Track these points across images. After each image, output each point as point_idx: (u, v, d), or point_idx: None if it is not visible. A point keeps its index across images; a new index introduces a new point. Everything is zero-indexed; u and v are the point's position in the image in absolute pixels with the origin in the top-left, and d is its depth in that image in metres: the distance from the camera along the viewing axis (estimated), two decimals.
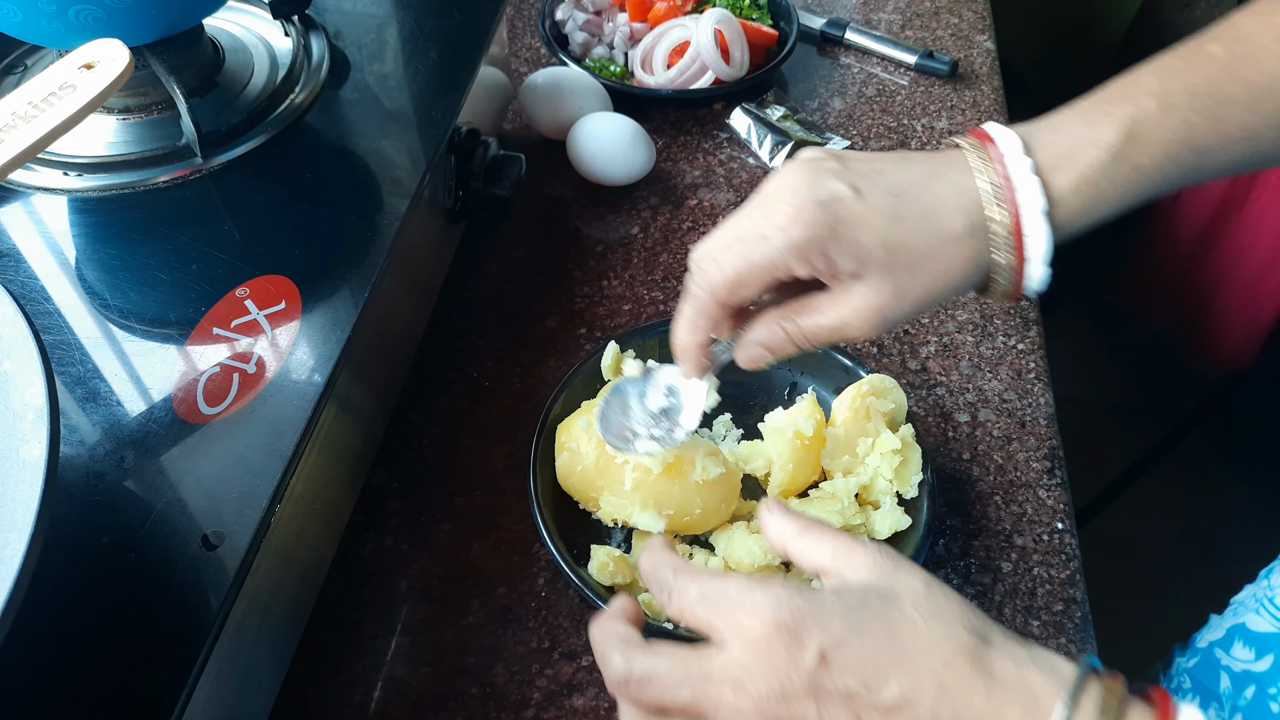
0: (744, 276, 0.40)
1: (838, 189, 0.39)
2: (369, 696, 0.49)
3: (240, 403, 0.43)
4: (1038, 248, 0.39)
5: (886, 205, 0.39)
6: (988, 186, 0.39)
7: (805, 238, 0.39)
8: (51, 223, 0.51)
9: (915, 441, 0.53)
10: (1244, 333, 1.28)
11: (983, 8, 0.96)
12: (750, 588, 0.34)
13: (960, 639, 0.33)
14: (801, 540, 0.38)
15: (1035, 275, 0.40)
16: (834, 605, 0.34)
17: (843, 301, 0.40)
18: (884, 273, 0.39)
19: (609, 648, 0.36)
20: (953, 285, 0.40)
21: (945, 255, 0.40)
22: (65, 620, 0.36)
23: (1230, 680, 0.57)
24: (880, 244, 0.39)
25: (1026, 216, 0.39)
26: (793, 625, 0.33)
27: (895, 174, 0.40)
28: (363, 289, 0.48)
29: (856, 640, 0.33)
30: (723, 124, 0.81)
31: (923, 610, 0.34)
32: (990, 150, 0.40)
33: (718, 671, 0.34)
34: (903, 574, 0.35)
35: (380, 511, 0.56)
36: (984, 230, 0.39)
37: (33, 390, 0.33)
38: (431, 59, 0.62)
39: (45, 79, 0.43)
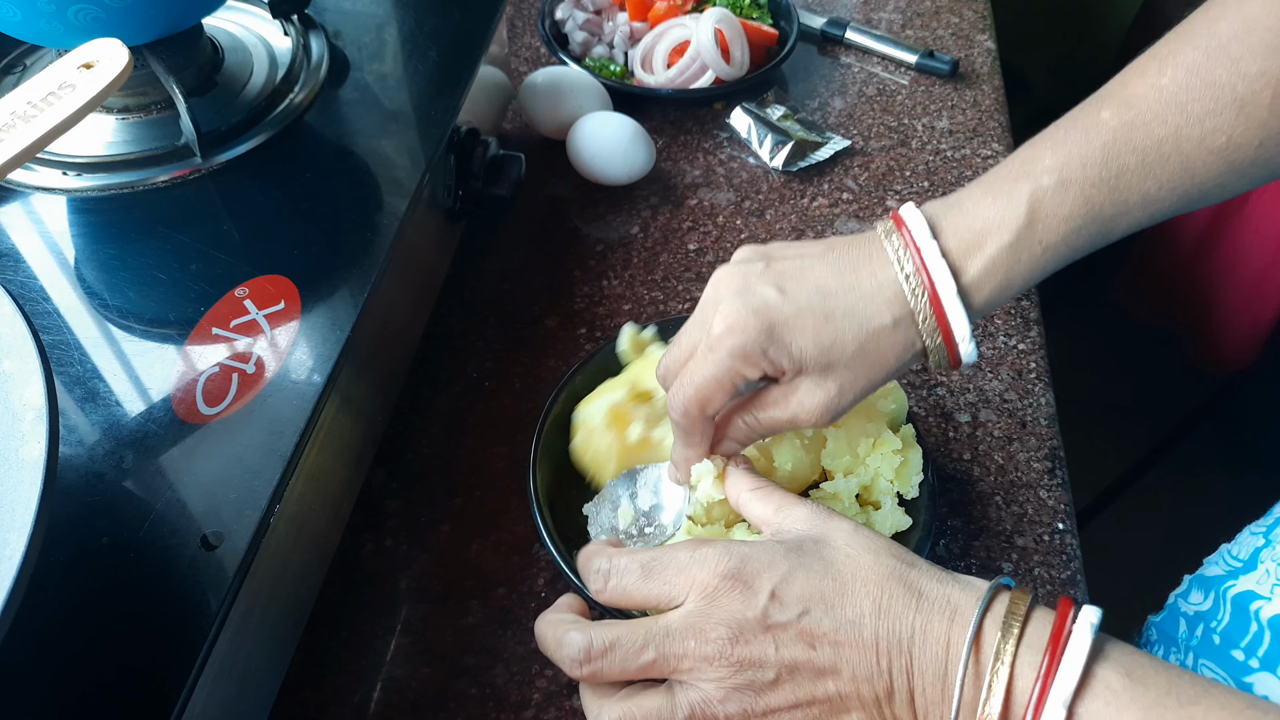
0: (705, 393, 0.43)
1: (766, 293, 0.42)
2: (368, 697, 0.49)
3: (239, 403, 0.43)
4: (961, 328, 0.41)
5: (814, 304, 0.41)
6: (906, 275, 0.41)
7: (743, 344, 0.41)
8: (50, 222, 0.51)
9: (916, 441, 0.53)
10: (1245, 332, 1.28)
11: (983, 7, 0.96)
12: (695, 546, 0.38)
13: (890, 565, 0.37)
14: (752, 494, 0.43)
15: (965, 352, 0.42)
16: (776, 549, 0.38)
17: (792, 399, 0.43)
18: (823, 372, 0.42)
19: (561, 630, 0.38)
20: (890, 372, 0.43)
21: (876, 347, 0.42)
22: (64, 620, 0.36)
23: (1186, 624, 0.59)
24: (813, 345, 0.41)
25: (946, 302, 0.41)
26: (742, 570, 0.37)
27: (819, 269, 0.42)
28: (362, 289, 0.48)
29: (801, 575, 0.37)
30: (723, 123, 0.81)
31: (854, 545, 0.38)
32: (904, 235, 0.42)
33: (677, 626, 0.36)
34: (833, 522, 0.39)
35: (380, 511, 0.56)
36: (909, 318, 0.41)
37: (32, 390, 0.33)
38: (431, 58, 0.62)
39: (44, 78, 0.43)
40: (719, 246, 0.71)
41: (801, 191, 0.76)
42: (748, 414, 0.45)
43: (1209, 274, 1.30)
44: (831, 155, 0.78)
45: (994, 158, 0.79)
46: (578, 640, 0.37)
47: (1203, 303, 1.32)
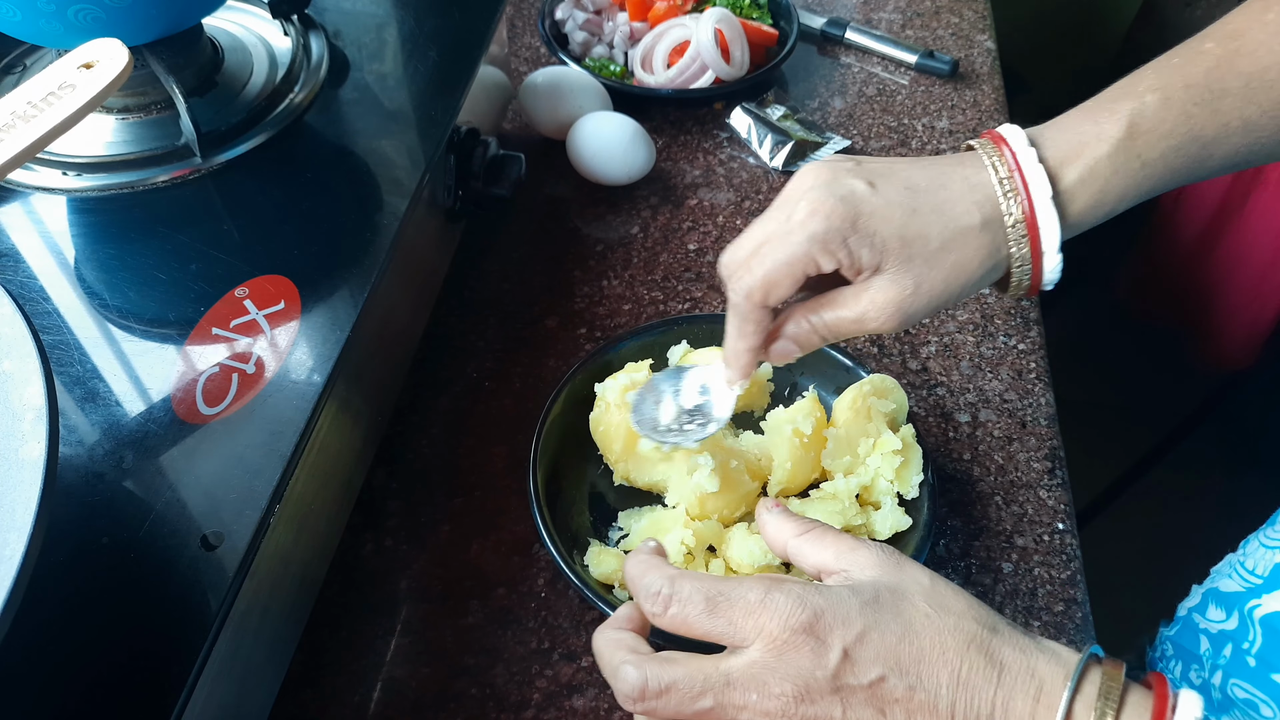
0: (774, 276, 0.42)
1: (854, 185, 0.41)
2: (368, 697, 0.49)
3: (239, 403, 0.43)
4: (1051, 237, 0.41)
5: (902, 199, 0.41)
6: (1000, 179, 0.41)
7: (825, 230, 0.40)
8: (50, 222, 0.51)
9: (916, 442, 0.53)
10: (1245, 332, 1.28)
11: (983, 7, 0.96)
12: (765, 588, 0.35)
13: (971, 630, 0.34)
14: (802, 541, 0.39)
15: (1050, 265, 0.42)
16: (851, 602, 0.34)
17: (863, 295, 0.42)
18: (902, 265, 0.41)
19: (619, 660, 0.36)
20: (970, 278, 0.42)
21: (961, 247, 0.41)
22: (64, 620, 0.36)
23: (1209, 642, 0.58)
24: (897, 235, 0.40)
25: (1039, 206, 0.41)
26: (814, 624, 0.33)
27: (910, 171, 0.42)
28: (362, 289, 0.48)
29: (876, 635, 0.34)
30: (723, 123, 0.81)
31: (933, 604, 0.35)
32: (1002, 147, 0.42)
33: (739, 675, 0.34)
34: (907, 569, 0.36)
35: (380, 511, 0.56)
36: (998, 222, 0.41)
37: (32, 390, 0.33)
38: (431, 58, 0.62)
39: (44, 78, 0.43)
40: (719, 246, 0.71)
41: None
42: (812, 313, 0.44)
43: (1209, 274, 1.30)
44: (831, 155, 0.78)
45: None
46: (633, 677, 0.35)
47: (1203, 303, 1.32)
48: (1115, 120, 0.41)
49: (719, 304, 0.67)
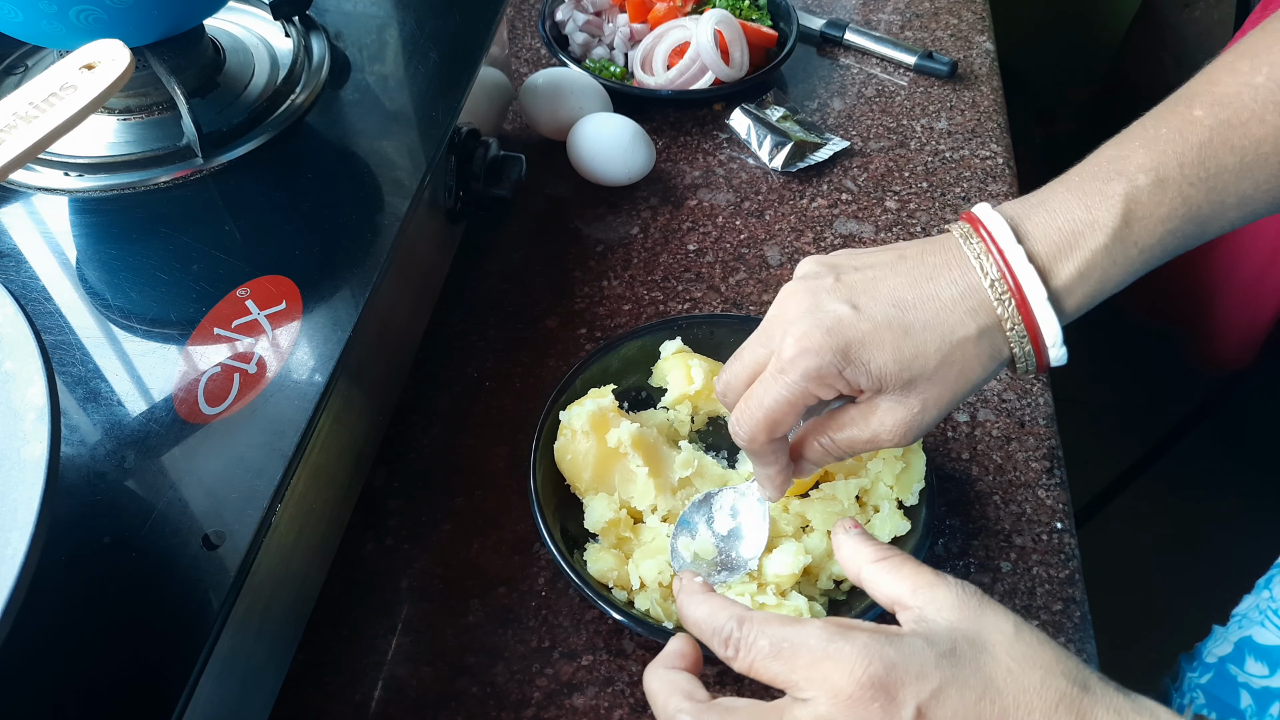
0: (774, 418, 0.41)
1: (838, 310, 0.39)
2: (369, 696, 0.49)
3: (241, 402, 0.43)
4: (1052, 334, 0.39)
5: (891, 319, 0.39)
6: (991, 281, 0.39)
7: (818, 367, 0.39)
8: (52, 223, 0.51)
9: (920, 448, 0.53)
10: (1243, 332, 1.28)
11: (982, 8, 0.96)
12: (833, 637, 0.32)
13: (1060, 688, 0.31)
14: (878, 568, 0.37)
15: (1054, 356, 0.40)
16: (926, 654, 0.32)
17: (871, 418, 0.41)
18: (904, 388, 0.40)
19: (675, 708, 0.34)
20: (974, 382, 0.40)
21: (961, 358, 0.39)
22: (66, 620, 0.36)
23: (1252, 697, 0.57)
24: (893, 361, 0.39)
25: (1036, 309, 0.39)
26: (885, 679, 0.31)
27: (892, 280, 0.40)
28: (363, 289, 0.48)
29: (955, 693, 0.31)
30: (722, 124, 0.81)
31: (1017, 657, 0.32)
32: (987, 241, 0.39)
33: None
34: (989, 615, 0.33)
35: (381, 511, 0.56)
36: (995, 328, 0.39)
37: (34, 390, 0.33)
38: (432, 59, 0.62)
39: (46, 79, 0.43)
40: (718, 247, 0.71)
41: (801, 192, 0.76)
42: (823, 435, 0.43)
43: (1207, 273, 1.30)
44: (830, 156, 0.78)
45: (992, 159, 0.79)
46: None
47: (1201, 302, 1.32)
48: (1109, 207, 0.38)
49: (719, 304, 0.67)
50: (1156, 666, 0.72)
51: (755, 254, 0.71)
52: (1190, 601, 0.72)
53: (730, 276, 0.69)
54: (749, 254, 0.71)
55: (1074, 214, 0.39)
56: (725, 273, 0.69)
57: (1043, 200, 0.40)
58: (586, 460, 0.52)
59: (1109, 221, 0.38)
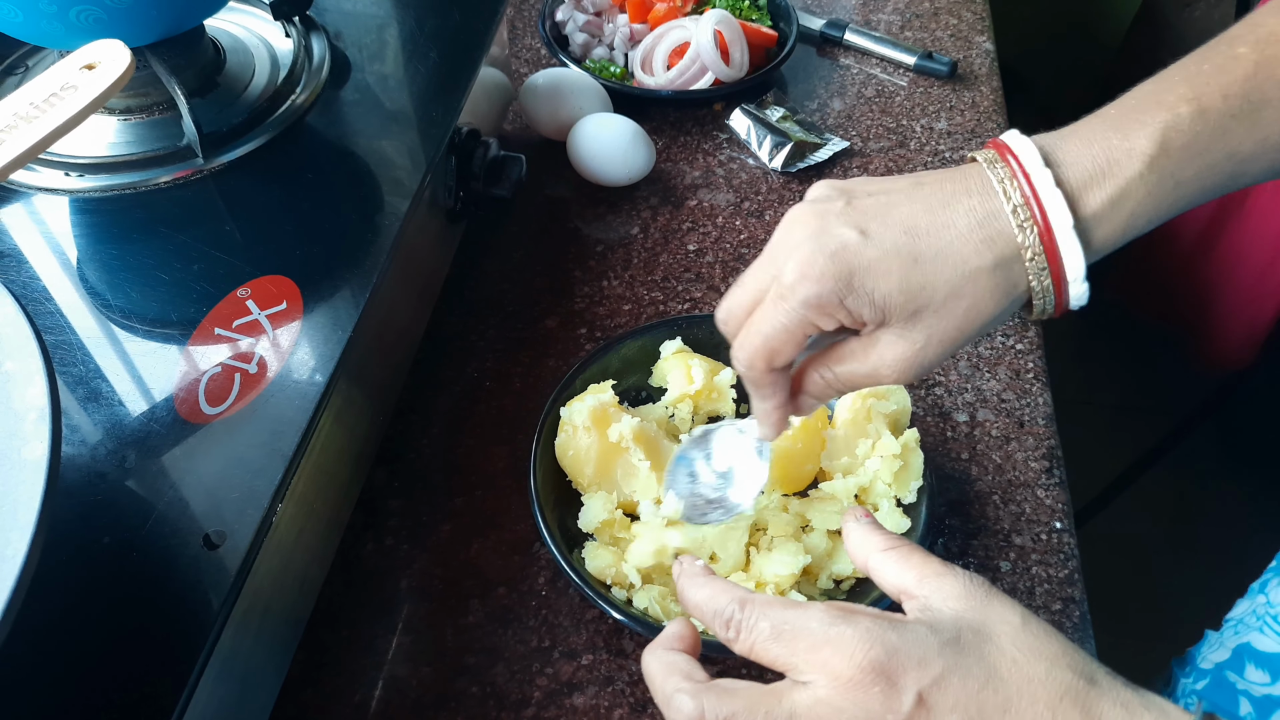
0: (772, 345, 0.39)
1: (845, 236, 0.37)
2: (369, 696, 0.49)
3: (241, 402, 0.43)
4: (1076, 267, 0.37)
5: (901, 246, 0.37)
6: (1014, 207, 0.37)
7: (818, 294, 0.37)
8: (53, 223, 0.51)
9: (919, 447, 0.53)
10: (1244, 332, 1.28)
11: (982, 8, 0.96)
12: (834, 621, 0.32)
13: (1066, 681, 0.31)
14: (885, 557, 0.36)
15: (1075, 294, 0.38)
16: (929, 641, 0.31)
17: (873, 351, 0.39)
18: (909, 320, 0.38)
19: (673, 687, 0.34)
20: (986, 318, 0.38)
21: (973, 291, 0.37)
22: (66, 620, 0.37)
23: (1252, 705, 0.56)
24: (899, 290, 0.37)
25: (1061, 238, 0.36)
26: (887, 664, 0.31)
27: (906, 207, 0.38)
28: (364, 289, 0.48)
29: (957, 681, 0.30)
30: (722, 125, 0.81)
31: (1023, 648, 0.31)
32: (1013, 165, 0.37)
33: (803, 713, 0.31)
34: (996, 606, 0.33)
35: (381, 511, 0.56)
36: (1013, 259, 0.37)
37: (34, 390, 0.33)
38: (432, 60, 0.62)
39: (46, 79, 0.43)
40: (718, 247, 0.71)
41: (801, 193, 0.76)
42: (824, 367, 0.41)
43: (1208, 273, 1.30)
44: (830, 156, 0.78)
45: None
46: (689, 708, 0.32)
47: (1202, 302, 1.32)
48: (1146, 135, 0.36)
49: (719, 304, 0.67)
50: (1156, 667, 0.72)
51: (755, 254, 0.70)
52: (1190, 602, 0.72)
53: (730, 276, 0.69)
54: (749, 254, 0.71)
55: (1109, 141, 0.37)
56: (725, 273, 0.69)
57: (1076, 130, 0.38)
58: (588, 456, 0.53)
59: (1146, 148, 0.36)
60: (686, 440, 0.50)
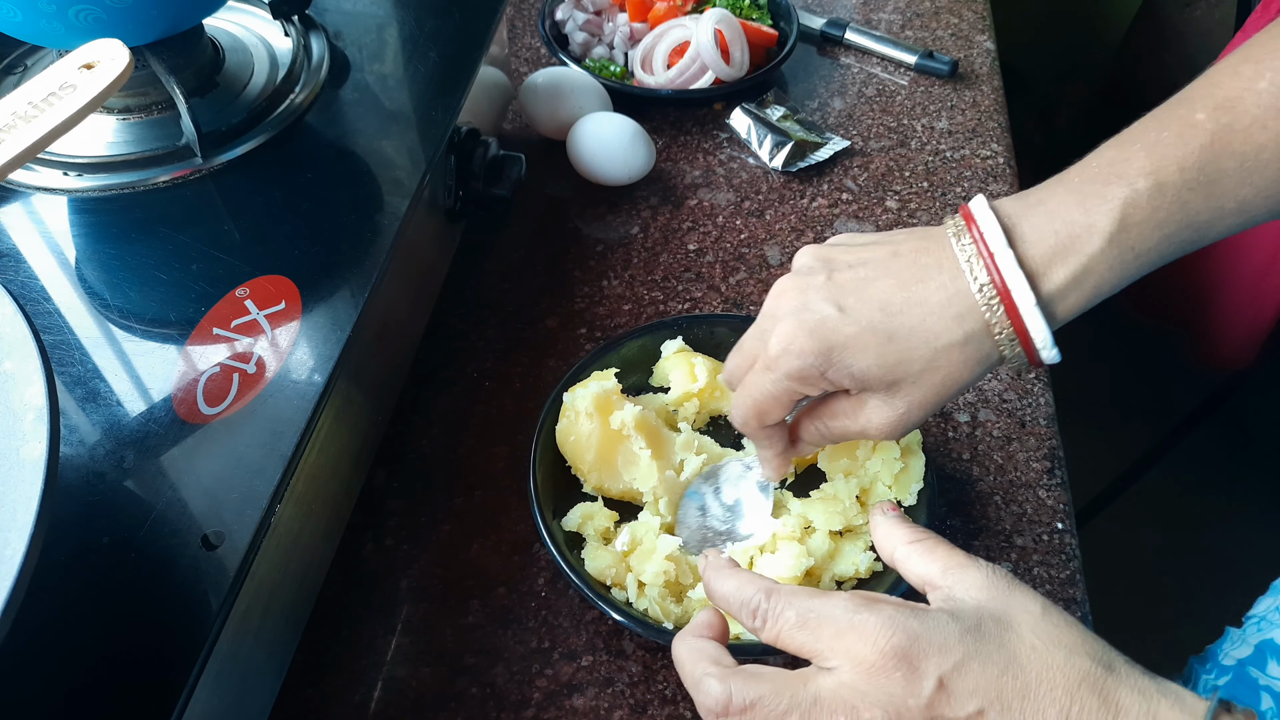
0: (761, 407, 0.43)
1: (824, 312, 0.40)
2: (369, 696, 0.49)
3: (240, 403, 0.43)
4: (1041, 337, 0.39)
5: (876, 323, 0.40)
6: (980, 286, 0.39)
7: (800, 368, 0.40)
8: (51, 223, 0.51)
9: (920, 449, 0.53)
10: (1244, 332, 1.27)
11: (983, 7, 0.96)
12: (858, 608, 0.33)
13: (1084, 668, 0.32)
14: (911, 549, 0.37)
15: (1047, 358, 0.40)
16: (950, 628, 0.32)
17: (860, 412, 0.42)
18: (889, 390, 0.41)
19: (701, 671, 0.35)
20: (962, 385, 0.41)
21: (946, 364, 0.40)
22: (65, 620, 0.36)
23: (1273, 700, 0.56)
24: (876, 365, 0.40)
25: (1026, 315, 0.39)
26: (909, 650, 0.32)
27: (882, 282, 0.40)
28: (363, 289, 0.48)
29: (977, 667, 0.32)
30: (723, 124, 0.81)
31: (1042, 636, 0.32)
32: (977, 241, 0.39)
33: (827, 696, 0.32)
34: (1017, 596, 0.34)
35: (380, 511, 0.56)
36: (983, 333, 0.39)
37: (33, 390, 0.33)
38: (431, 59, 0.62)
39: (45, 79, 0.43)
40: (719, 246, 0.71)
41: (801, 192, 0.76)
42: (818, 420, 0.44)
43: (1208, 273, 1.30)
44: (831, 156, 0.78)
45: (993, 158, 0.79)
46: (717, 691, 0.34)
47: (1202, 302, 1.32)
48: (1107, 210, 0.38)
49: (719, 304, 0.67)
50: (1157, 667, 0.71)
51: (755, 254, 0.71)
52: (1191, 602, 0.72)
53: (730, 276, 0.69)
54: (749, 254, 0.71)
55: (1071, 216, 0.39)
56: (725, 272, 0.69)
57: (1041, 200, 0.40)
58: (589, 442, 0.53)
59: (1105, 226, 0.38)
60: (697, 479, 0.53)
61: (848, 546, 0.51)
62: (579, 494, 0.55)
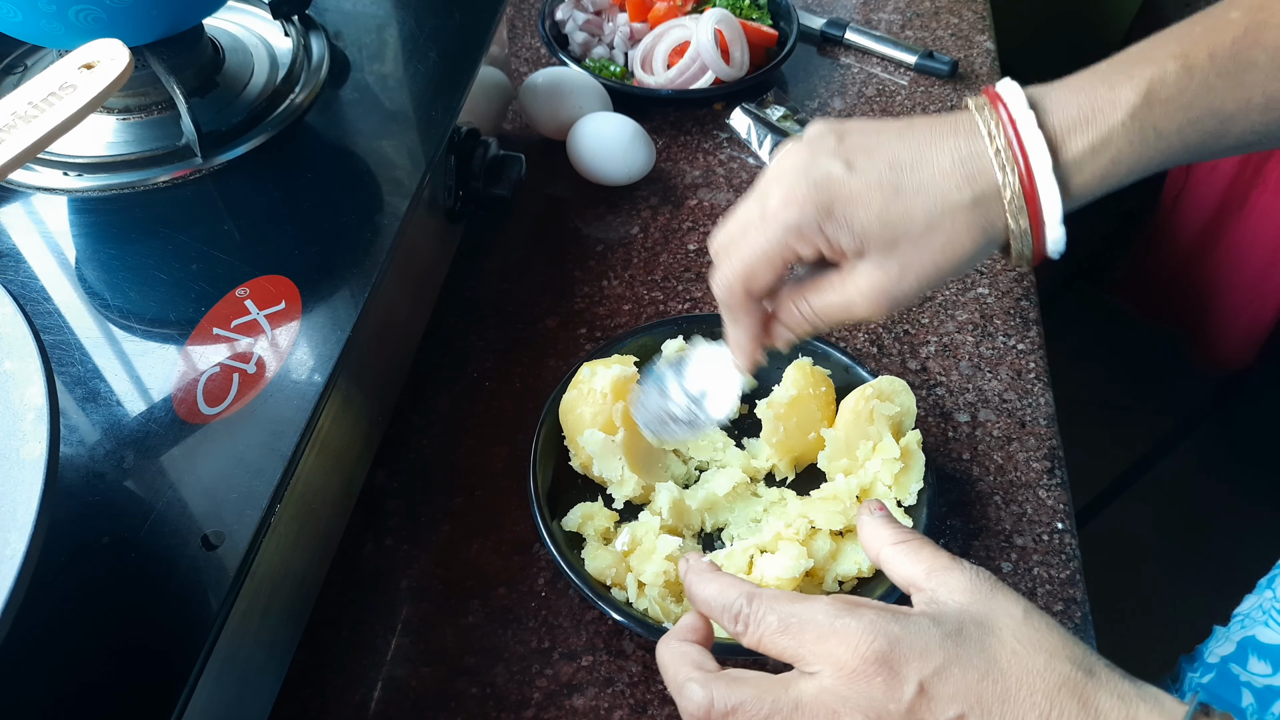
0: (752, 267, 0.40)
1: (831, 167, 0.39)
2: (369, 697, 0.49)
3: (240, 403, 0.43)
4: (1053, 210, 0.38)
5: (883, 178, 0.38)
6: (997, 148, 0.38)
7: (799, 219, 0.39)
8: (51, 223, 0.51)
9: (920, 449, 0.53)
10: (1245, 332, 1.28)
11: (982, 7, 0.96)
12: (839, 613, 0.33)
13: (1064, 672, 0.32)
14: (896, 550, 0.37)
15: (1053, 238, 0.39)
16: (931, 633, 0.32)
17: (849, 281, 0.40)
18: (886, 250, 0.39)
19: (684, 676, 0.35)
20: (962, 256, 0.39)
21: (950, 226, 0.38)
22: (65, 620, 0.36)
23: (1254, 696, 0.57)
24: (877, 219, 0.38)
25: (1040, 178, 0.38)
26: (889, 654, 0.32)
27: (894, 144, 0.39)
28: (363, 289, 0.48)
29: (957, 672, 0.32)
30: (723, 124, 0.81)
31: (1023, 640, 0.32)
32: (999, 110, 0.38)
33: (809, 701, 0.32)
34: (999, 599, 0.34)
35: (380, 511, 0.56)
36: (992, 197, 0.38)
37: (33, 390, 0.33)
38: (431, 59, 0.62)
39: (45, 79, 0.43)
40: None
41: None
42: (800, 299, 0.42)
43: (1209, 274, 1.30)
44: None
45: None
46: (699, 696, 0.34)
47: (1202, 303, 1.32)
48: (1132, 86, 0.38)
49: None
50: (1157, 667, 0.72)
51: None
52: (1191, 602, 0.72)
53: None
54: None
55: (1096, 91, 0.38)
56: None
57: (1067, 81, 0.39)
58: (594, 421, 0.53)
59: (1130, 99, 0.38)
60: (661, 361, 0.51)
61: (849, 546, 0.51)
62: (579, 494, 0.55)
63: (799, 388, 0.54)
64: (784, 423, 0.54)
